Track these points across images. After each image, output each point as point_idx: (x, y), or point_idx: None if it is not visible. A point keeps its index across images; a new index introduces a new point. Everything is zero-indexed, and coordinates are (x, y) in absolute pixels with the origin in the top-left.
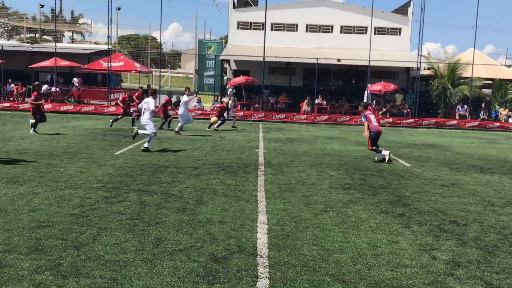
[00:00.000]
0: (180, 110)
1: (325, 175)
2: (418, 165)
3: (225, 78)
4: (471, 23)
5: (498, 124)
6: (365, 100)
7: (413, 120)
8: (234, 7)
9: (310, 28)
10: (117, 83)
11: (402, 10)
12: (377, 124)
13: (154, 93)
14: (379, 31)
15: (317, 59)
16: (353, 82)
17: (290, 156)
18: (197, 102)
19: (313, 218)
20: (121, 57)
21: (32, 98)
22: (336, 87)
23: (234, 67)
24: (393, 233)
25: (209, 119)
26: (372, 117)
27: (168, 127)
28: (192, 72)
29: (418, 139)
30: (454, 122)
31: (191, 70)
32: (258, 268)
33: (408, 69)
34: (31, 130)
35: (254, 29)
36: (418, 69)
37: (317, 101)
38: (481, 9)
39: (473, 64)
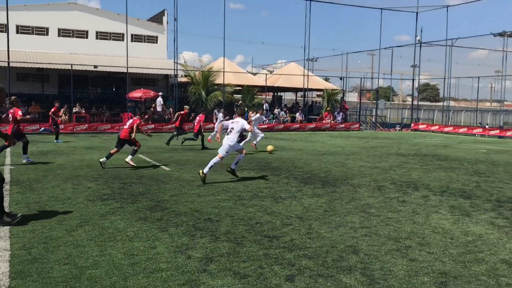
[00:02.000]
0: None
1: (82, 188)
2: (178, 169)
3: None
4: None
5: None
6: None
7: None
8: None
9: (63, 33)
10: None
11: (157, 19)
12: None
13: (242, 114)
14: (136, 38)
15: (71, 65)
16: (113, 89)
17: (42, 171)
18: None
19: (66, 235)
20: None
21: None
22: (95, 95)
23: None
24: (151, 238)
25: None
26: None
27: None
28: None
29: (179, 144)
30: (212, 125)
31: None
32: None
33: (167, 76)
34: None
35: None
36: (176, 76)
37: (75, 109)
38: (230, 22)
39: (224, 72)
